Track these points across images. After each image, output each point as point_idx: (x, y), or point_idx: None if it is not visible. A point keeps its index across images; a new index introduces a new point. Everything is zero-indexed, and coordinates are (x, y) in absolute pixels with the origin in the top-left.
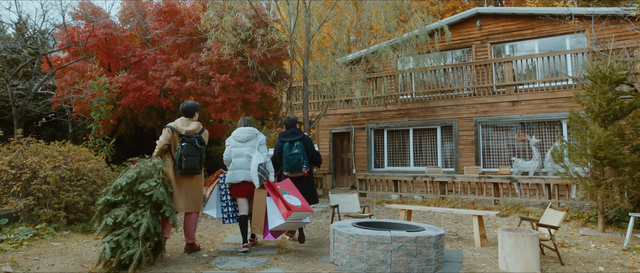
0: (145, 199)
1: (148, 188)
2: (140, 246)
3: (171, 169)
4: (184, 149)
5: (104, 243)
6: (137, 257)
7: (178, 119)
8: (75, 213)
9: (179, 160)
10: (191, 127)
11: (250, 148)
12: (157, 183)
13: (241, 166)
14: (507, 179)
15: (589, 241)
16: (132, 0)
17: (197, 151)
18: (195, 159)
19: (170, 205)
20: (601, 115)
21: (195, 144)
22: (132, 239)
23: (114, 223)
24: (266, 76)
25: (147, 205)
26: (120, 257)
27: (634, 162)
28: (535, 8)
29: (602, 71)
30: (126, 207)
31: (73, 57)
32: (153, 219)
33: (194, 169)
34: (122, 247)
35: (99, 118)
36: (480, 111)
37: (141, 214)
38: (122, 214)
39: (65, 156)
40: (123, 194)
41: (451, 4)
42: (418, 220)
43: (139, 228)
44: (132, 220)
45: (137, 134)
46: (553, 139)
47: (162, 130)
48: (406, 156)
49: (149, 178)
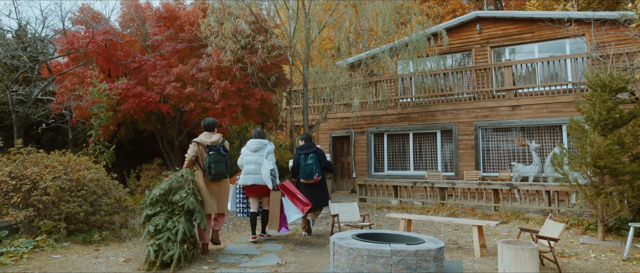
0: (179, 207)
1: (180, 199)
2: (178, 247)
3: (201, 178)
4: (211, 157)
5: (148, 247)
6: (177, 256)
7: (201, 134)
8: (76, 223)
9: (208, 167)
10: (213, 139)
11: (258, 157)
12: (187, 194)
13: (251, 172)
14: (507, 185)
15: (589, 250)
16: (131, 6)
17: (222, 158)
18: (222, 165)
19: (200, 212)
20: (601, 124)
21: (220, 152)
22: (171, 242)
23: (155, 230)
24: (266, 81)
25: (181, 213)
26: (162, 257)
27: (634, 171)
28: (535, 12)
29: (602, 80)
30: (164, 215)
31: (73, 63)
32: (187, 224)
33: (222, 173)
34: (163, 249)
35: (98, 125)
36: (480, 115)
37: (177, 220)
38: (161, 222)
39: (66, 166)
40: (160, 205)
41: (451, 6)
42: (418, 228)
43: (176, 233)
44: (170, 227)
45: (137, 138)
46: (553, 144)
47: (190, 145)
48: (406, 160)
49: (181, 189)
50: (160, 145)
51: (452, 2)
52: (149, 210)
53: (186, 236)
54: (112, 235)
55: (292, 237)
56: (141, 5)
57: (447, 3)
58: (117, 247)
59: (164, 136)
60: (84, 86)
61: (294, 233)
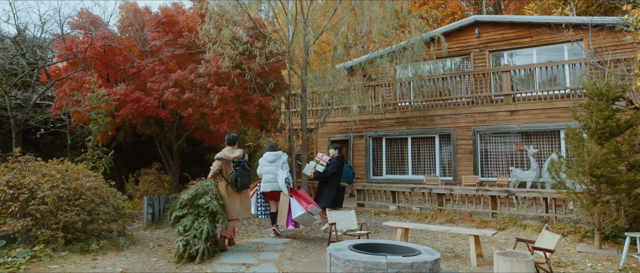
0: (204, 210)
1: (205, 202)
2: (203, 244)
3: (223, 188)
4: (238, 172)
5: (178, 242)
6: (201, 251)
7: (225, 149)
8: (73, 232)
9: (235, 180)
10: (236, 154)
11: (274, 167)
12: (211, 198)
13: (269, 180)
14: (504, 192)
15: (585, 259)
16: (130, 11)
17: (247, 172)
18: (246, 178)
19: (222, 214)
20: (598, 132)
21: (245, 167)
22: (197, 239)
23: (183, 229)
24: (264, 87)
25: (206, 215)
26: (189, 251)
27: (630, 180)
28: (534, 17)
29: (599, 88)
30: (191, 217)
31: (72, 68)
32: (211, 225)
33: (247, 186)
34: (190, 244)
35: (97, 130)
36: (478, 120)
37: (202, 222)
38: (189, 223)
39: (63, 174)
40: (187, 208)
41: (450, 9)
42: (415, 236)
43: (201, 232)
44: (196, 227)
45: (136, 142)
46: (551, 149)
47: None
48: (404, 164)
49: (206, 194)
50: (159, 149)
51: (451, 5)
52: (178, 212)
53: (209, 235)
54: (110, 244)
55: (290, 245)
56: (140, 10)
57: (446, 5)
58: (114, 256)
59: (162, 140)
60: (83, 91)
61: (292, 242)
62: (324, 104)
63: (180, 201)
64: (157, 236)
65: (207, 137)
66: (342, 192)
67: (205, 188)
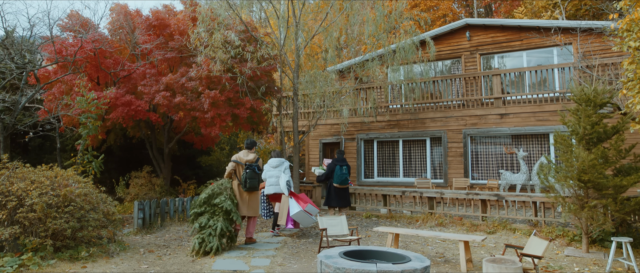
0: (219, 209)
1: (219, 202)
2: (217, 241)
3: (236, 187)
4: (247, 174)
5: (194, 239)
6: (215, 246)
7: (241, 151)
8: (63, 240)
9: (244, 182)
10: (250, 157)
11: (278, 172)
12: (225, 198)
13: (273, 183)
14: (494, 196)
15: (573, 263)
16: (121, 13)
17: (256, 175)
18: (255, 181)
19: (236, 212)
20: (586, 138)
21: (255, 171)
22: (212, 236)
23: (200, 226)
24: (256, 90)
25: (221, 213)
26: (205, 248)
27: (617, 185)
28: (523, 20)
29: (587, 94)
30: (207, 215)
31: (61, 71)
32: (225, 222)
33: (255, 188)
34: (205, 241)
35: (87, 134)
36: (469, 123)
37: (216, 219)
38: (205, 220)
39: (52, 181)
40: (204, 206)
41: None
42: (406, 240)
43: (216, 229)
44: (211, 224)
45: (126, 144)
46: (541, 152)
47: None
48: (396, 167)
49: (221, 194)
50: (150, 152)
51: (442, 7)
52: (196, 209)
53: (224, 231)
54: (100, 251)
55: (281, 250)
56: (131, 13)
57: (437, 7)
58: (104, 264)
59: (153, 142)
60: (72, 95)
61: (283, 247)
62: (315, 107)
63: (199, 200)
64: (147, 241)
65: (199, 140)
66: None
67: (221, 187)
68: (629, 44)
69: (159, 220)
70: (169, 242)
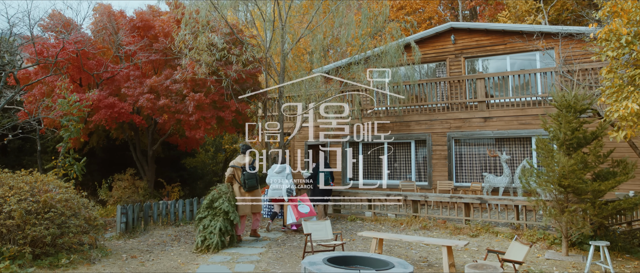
0: (219, 211)
1: (218, 205)
2: (217, 237)
3: (237, 189)
4: (245, 175)
5: (198, 238)
6: (214, 243)
7: (238, 157)
8: (42, 247)
9: (244, 183)
10: (245, 160)
11: (280, 177)
12: (224, 201)
13: (275, 188)
14: (477, 199)
15: (553, 267)
16: (105, 14)
17: (253, 176)
18: (253, 180)
19: (234, 212)
20: (566, 143)
21: (252, 172)
22: (212, 234)
23: (203, 227)
24: (241, 93)
25: (221, 214)
26: (206, 244)
27: (595, 190)
28: (507, 25)
29: (568, 100)
30: (209, 217)
31: (42, 72)
32: (225, 222)
33: (254, 186)
34: (207, 239)
35: (68, 137)
36: (453, 126)
37: (216, 220)
38: (207, 222)
39: (32, 186)
40: (207, 210)
41: (427, 14)
42: (390, 245)
43: (215, 228)
44: (213, 225)
45: (110, 146)
46: (523, 155)
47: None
48: (381, 169)
49: (219, 198)
50: (134, 154)
51: (428, 10)
52: (200, 214)
53: (222, 230)
54: (81, 257)
55: (266, 255)
56: (115, 14)
57: (423, 10)
58: (85, 271)
59: (137, 144)
60: (54, 96)
61: (268, 251)
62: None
63: (202, 206)
64: (130, 246)
65: (183, 142)
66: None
67: (219, 193)
68: (607, 53)
69: (143, 223)
70: (152, 246)
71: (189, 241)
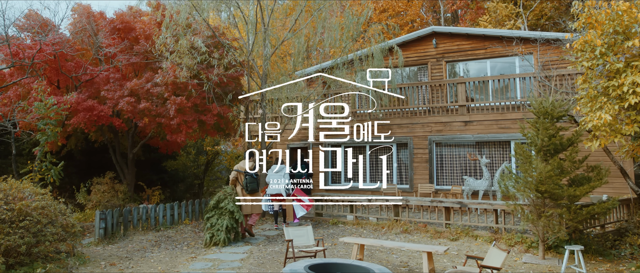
0: (225, 210)
1: (224, 205)
2: (223, 234)
3: (239, 190)
4: (247, 180)
5: (206, 235)
6: (221, 239)
7: (242, 161)
8: (16, 256)
9: (245, 186)
10: (249, 165)
11: (278, 176)
12: (229, 201)
13: (274, 186)
14: (457, 203)
15: (530, 270)
16: (84, 15)
17: (254, 180)
18: (254, 184)
19: (239, 212)
20: (543, 149)
21: (253, 176)
22: (219, 231)
23: (210, 225)
24: (223, 97)
25: (227, 213)
26: (214, 240)
27: (571, 195)
28: (487, 29)
29: (545, 107)
30: (216, 216)
31: (18, 73)
32: (231, 220)
33: (255, 190)
34: (214, 236)
35: (45, 141)
36: (434, 129)
37: (223, 218)
38: (214, 220)
39: (6, 194)
40: (214, 210)
41: (409, 17)
42: (372, 250)
43: (222, 225)
44: (219, 223)
45: (88, 149)
46: (503, 159)
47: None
48: (363, 172)
49: (225, 199)
50: (113, 157)
51: (410, 13)
52: (208, 214)
53: (229, 228)
54: (58, 266)
55: (247, 261)
56: (94, 15)
57: (405, 13)
58: None
59: (117, 147)
60: (30, 99)
61: (249, 257)
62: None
63: (208, 206)
64: (109, 253)
65: (164, 145)
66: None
67: (225, 194)
68: (583, 63)
69: (122, 229)
70: (131, 253)
71: (169, 247)
